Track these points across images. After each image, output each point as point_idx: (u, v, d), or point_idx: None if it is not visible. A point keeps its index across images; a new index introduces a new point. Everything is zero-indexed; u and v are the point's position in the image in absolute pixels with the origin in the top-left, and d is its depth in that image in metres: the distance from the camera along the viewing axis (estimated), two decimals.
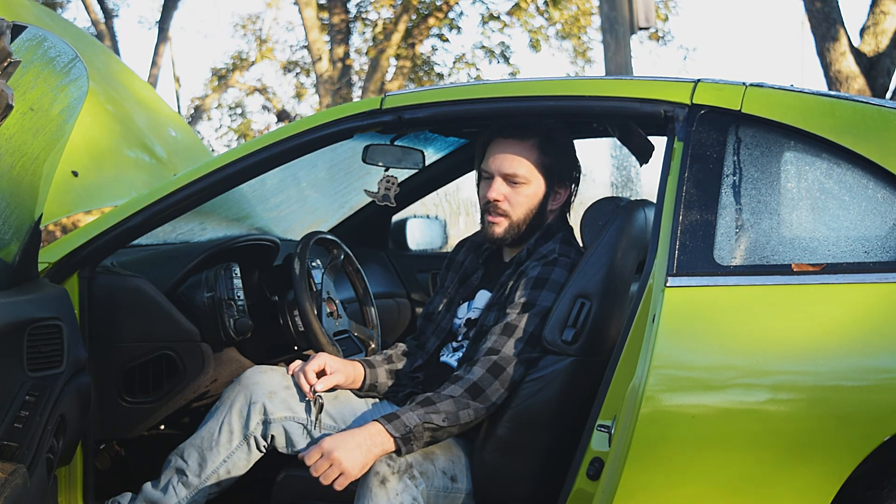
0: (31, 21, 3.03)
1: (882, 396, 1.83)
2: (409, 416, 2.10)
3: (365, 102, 2.30)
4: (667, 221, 1.99)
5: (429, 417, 2.11)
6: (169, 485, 2.32)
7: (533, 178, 2.32)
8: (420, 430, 2.10)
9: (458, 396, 2.14)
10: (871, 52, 7.67)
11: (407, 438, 2.09)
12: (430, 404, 2.13)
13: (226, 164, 2.34)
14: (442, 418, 2.12)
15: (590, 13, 14.96)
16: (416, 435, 2.10)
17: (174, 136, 3.83)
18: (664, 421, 1.88)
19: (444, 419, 2.12)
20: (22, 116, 2.04)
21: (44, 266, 2.32)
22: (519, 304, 2.23)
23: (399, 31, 14.02)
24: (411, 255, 3.70)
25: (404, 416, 2.10)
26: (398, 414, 2.11)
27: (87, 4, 16.57)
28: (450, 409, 2.12)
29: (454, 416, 2.13)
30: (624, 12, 8.61)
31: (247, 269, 2.82)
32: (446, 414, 2.12)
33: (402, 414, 2.10)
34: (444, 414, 2.12)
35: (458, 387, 2.16)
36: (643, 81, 2.15)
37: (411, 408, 2.12)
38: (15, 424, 1.94)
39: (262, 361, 2.73)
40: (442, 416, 2.12)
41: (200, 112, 18.94)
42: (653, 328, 1.91)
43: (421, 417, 2.10)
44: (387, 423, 2.08)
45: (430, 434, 2.12)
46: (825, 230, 1.95)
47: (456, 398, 2.14)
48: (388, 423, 2.08)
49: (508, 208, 2.33)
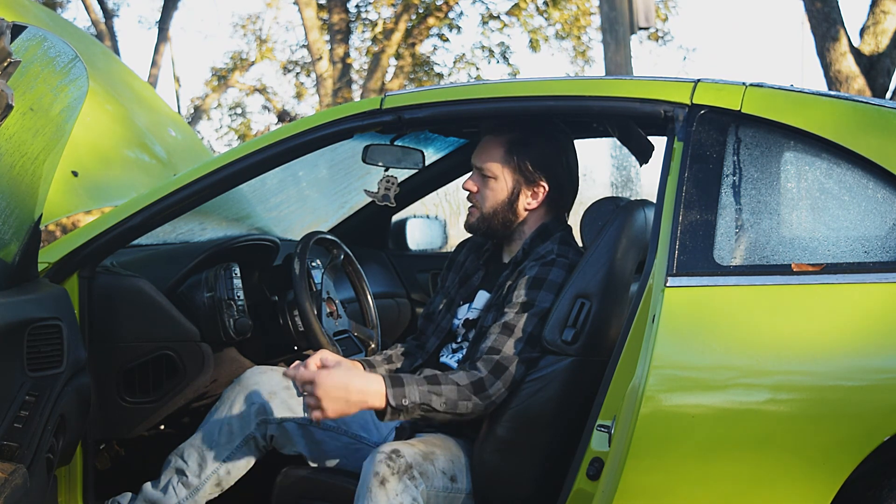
0: (31, 21, 3.03)
1: (882, 396, 1.83)
2: (411, 390, 2.10)
3: (365, 102, 2.30)
4: (667, 221, 1.99)
5: (429, 398, 2.10)
6: (169, 485, 2.32)
7: (500, 173, 2.34)
8: (414, 408, 2.10)
9: (462, 386, 2.14)
10: (871, 52, 7.67)
11: (399, 410, 2.09)
12: (435, 384, 2.12)
13: (226, 164, 2.34)
14: (441, 402, 2.11)
15: (590, 13, 14.95)
16: (409, 410, 2.10)
17: (174, 136, 3.83)
18: (664, 421, 1.88)
19: (443, 404, 2.12)
20: (22, 116, 2.04)
21: (44, 266, 2.32)
22: (517, 304, 2.23)
23: (399, 30, 14.01)
24: (411, 255, 3.70)
25: (408, 387, 2.10)
26: (403, 381, 2.10)
27: (87, 4, 16.58)
28: (451, 397, 2.12)
29: (453, 404, 2.13)
30: (624, 12, 8.62)
31: (247, 269, 2.82)
32: (446, 399, 2.12)
33: (407, 384, 2.10)
34: (444, 398, 2.12)
35: (465, 376, 2.16)
36: (643, 81, 2.15)
37: (417, 380, 2.12)
38: (15, 424, 1.94)
39: (262, 361, 2.74)
40: (442, 400, 2.12)
41: (200, 112, 18.94)
42: (653, 328, 1.90)
43: (422, 396, 2.10)
44: (390, 385, 2.09)
45: (423, 414, 2.12)
46: (825, 230, 1.94)
47: (460, 387, 2.14)
48: (391, 386, 2.09)
49: (478, 199, 2.37)
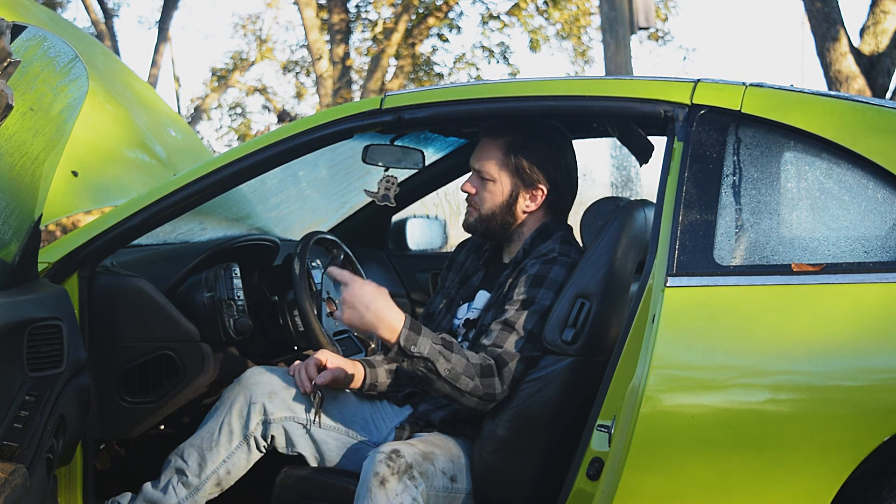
0: (31, 21, 3.03)
1: (882, 396, 1.83)
2: (424, 341, 2.10)
3: (365, 102, 2.30)
4: (667, 221, 1.99)
5: (437, 357, 2.10)
6: (169, 485, 2.32)
7: (498, 175, 2.35)
8: (419, 360, 2.10)
9: (472, 363, 2.13)
10: (871, 52, 7.67)
11: (404, 353, 2.09)
12: (448, 349, 2.12)
13: (226, 164, 2.34)
14: (446, 368, 2.11)
15: (590, 13, 14.95)
16: (414, 359, 2.10)
17: (174, 136, 3.83)
18: (664, 421, 1.88)
19: (447, 371, 2.11)
20: (22, 116, 2.04)
21: (44, 266, 2.32)
22: (518, 301, 2.23)
23: (399, 31, 14.01)
24: (411, 255, 3.70)
25: (423, 337, 2.10)
26: (421, 330, 2.11)
27: (87, 4, 16.57)
28: (457, 367, 2.12)
29: (456, 375, 2.12)
30: (624, 12, 8.61)
31: (247, 269, 2.81)
32: (452, 367, 2.11)
33: (423, 335, 2.10)
34: (450, 365, 2.11)
35: (477, 357, 2.15)
36: (643, 81, 2.15)
37: (433, 337, 2.12)
38: (15, 424, 1.94)
39: (262, 361, 2.73)
40: (447, 367, 2.11)
41: (200, 112, 18.94)
42: (653, 328, 1.90)
43: (431, 352, 2.10)
44: (408, 327, 2.09)
45: (424, 369, 2.12)
46: (825, 230, 1.94)
47: (469, 363, 2.13)
48: (408, 328, 2.09)
49: (476, 201, 2.38)
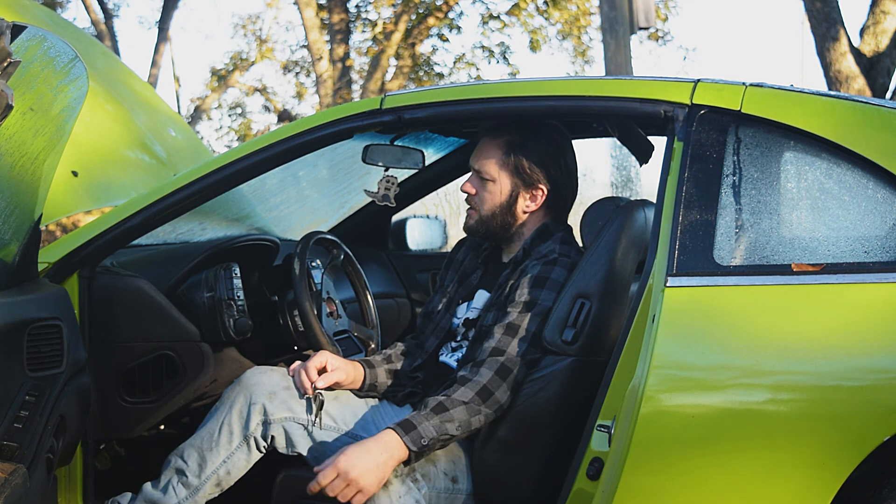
0: (31, 21, 3.03)
1: (882, 396, 1.83)
2: (425, 428, 2.09)
3: (365, 102, 2.30)
4: (667, 221, 1.99)
5: (444, 428, 2.10)
6: (169, 485, 2.32)
7: (498, 176, 2.35)
8: (434, 442, 2.09)
9: (469, 402, 2.13)
10: (871, 52, 7.67)
11: (421, 452, 2.08)
12: (443, 411, 2.11)
13: (226, 164, 2.34)
14: (455, 426, 2.11)
15: (590, 13, 14.95)
16: (431, 447, 2.10)
17: (174, 136, 3.83)
18: (664, 421, 1.88)
19: (458, 427, 2.11)
20: (22, 116, 2.04)
21: (44, 266, 2.32)
22: (520, 303, 2.23)
23: (399, 31, 14.01)
24: (411, 255, 3.70)
25: (420, 426, 2.08)
26: (414, 423, 2.09)
27: (87, 4, 16.57)
28: (463, 418, 2.12)
29: (467, 423, 2.12)
30: (624, 12, 8.61)
31: (247, 269, 2.81)
32: (460, 422, 2.12)
33: (419, 424, 2.09)
34: (457, 422, 2.11)
35: (468, 390, 2.14)
36: (643, 81, 2.15)
37: (426, 416, 2.10)
38: (15, 424, 1.94)
39: (262, 361, 2.73)
40: (456, 425, 2.11)
41: (200, 112, 18.93)
42: (653, 328, 1.90)
43: (437, 429, 2.09)
44: (404, 434, 2.07)
45: (444, 444, 2.13)
46: (825, 230, 1.94)
47: (468, 404, 2.13)
48: (405, 434, 2.07)
49: (476, 202, 2.39)
